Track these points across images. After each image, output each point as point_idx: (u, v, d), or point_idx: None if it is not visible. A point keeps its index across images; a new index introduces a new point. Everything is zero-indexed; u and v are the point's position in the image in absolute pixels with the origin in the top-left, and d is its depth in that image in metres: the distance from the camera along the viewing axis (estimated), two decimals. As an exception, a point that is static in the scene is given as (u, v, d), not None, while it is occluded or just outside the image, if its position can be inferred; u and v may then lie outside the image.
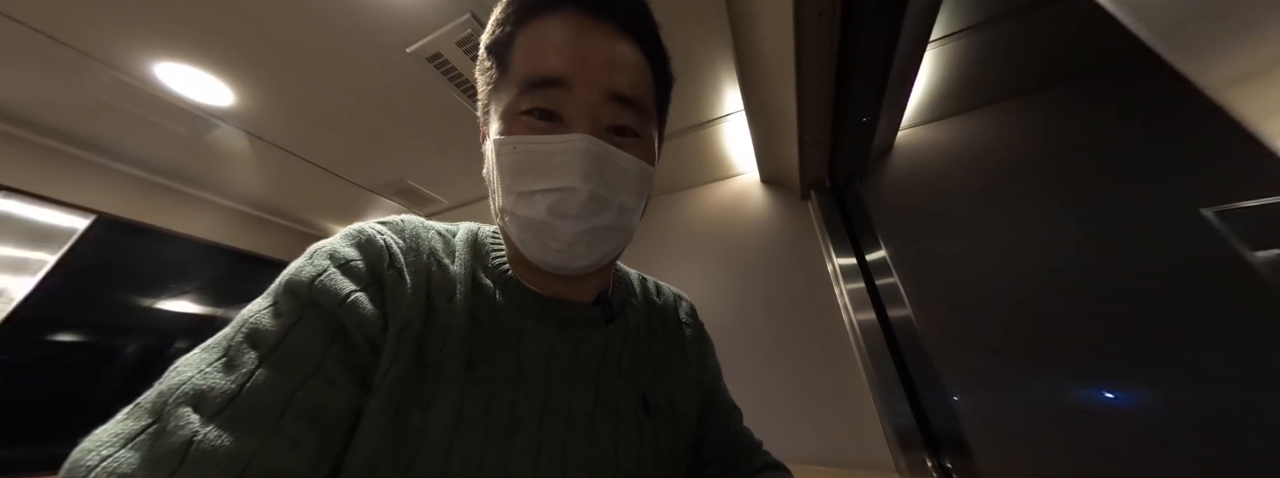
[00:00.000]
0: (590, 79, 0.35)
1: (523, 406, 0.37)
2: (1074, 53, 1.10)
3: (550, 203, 0.35)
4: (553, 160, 0.35)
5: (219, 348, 0.30)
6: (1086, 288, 0.96)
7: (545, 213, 0.36)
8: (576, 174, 0.35)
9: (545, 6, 0.37)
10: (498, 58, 0.38)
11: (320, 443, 0.29)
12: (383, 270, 0.36)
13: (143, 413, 0.27)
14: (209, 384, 0.27)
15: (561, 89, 0.35)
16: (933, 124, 1.36)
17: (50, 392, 1.49)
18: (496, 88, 0.39)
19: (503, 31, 0.38)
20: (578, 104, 0.35)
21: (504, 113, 0.37)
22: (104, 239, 1.62)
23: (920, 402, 1.05)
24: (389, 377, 0.33)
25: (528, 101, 0.35)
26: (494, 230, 0.47)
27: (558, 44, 0.35)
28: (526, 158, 0.35)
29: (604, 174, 0.36)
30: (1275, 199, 0.75)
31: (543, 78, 0.35)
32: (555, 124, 0.36)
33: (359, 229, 0.38)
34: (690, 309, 0.61)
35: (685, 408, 0.50)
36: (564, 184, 0.35)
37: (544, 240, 0.37)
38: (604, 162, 0.36)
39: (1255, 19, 0.20)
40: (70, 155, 1.55)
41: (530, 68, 0.36)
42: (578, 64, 0.35)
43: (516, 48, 0.37)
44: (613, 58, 0.37)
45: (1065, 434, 0.90)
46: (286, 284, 0.33)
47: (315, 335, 0.31)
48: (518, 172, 0.36)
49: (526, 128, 0.36)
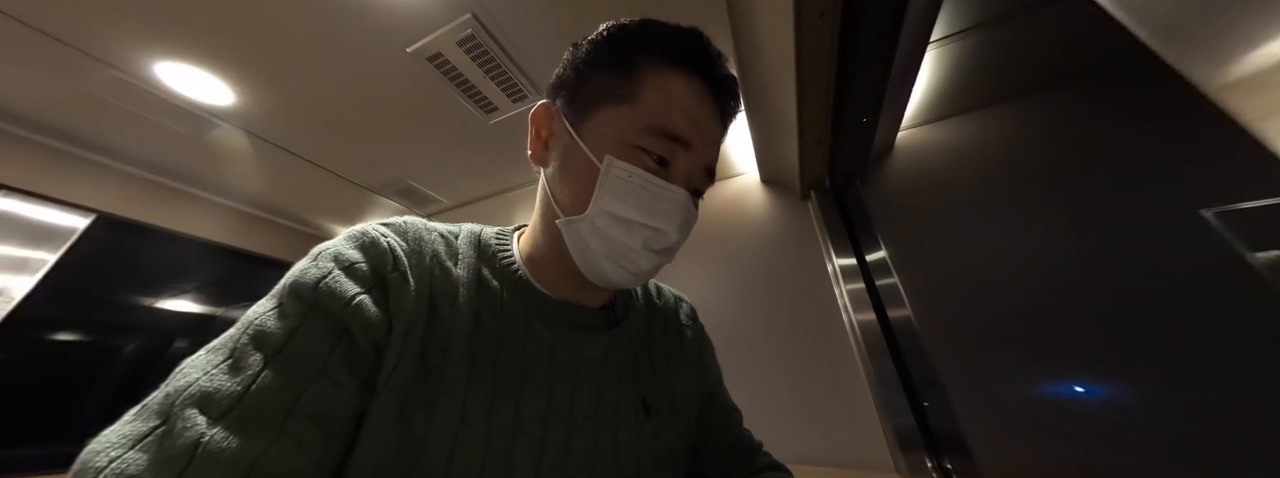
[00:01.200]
0: (702, 150, 0.42)
1: (526, 408, 0.37)
2: (1074, 54, 1.10)
3: (645, 237, 0.39)
4: (658, 203, 0.39)
5: (225, 350, 0.30)
6: (1086, 289, 0.97)
7: (640, 244, 0.39)
8: (675, 224, 0.40)
9: (680, 63, 0.41)
10: (624, 71, 0.41)
11: (324, 445, 0.30)
12: (387, 273, 0.36)
13: (150, 414, 0.27)
14: (215, 386, 0.28)
15: (681, 147, 0.40)
16: (933, 124, 1.36)
17: (50, 391, 1.49)
18: (617, 102, 0.40)
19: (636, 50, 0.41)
20: (685, 165, 0.41)
21: (619, 135, 0.39)
22: (104, 238, 1.62)
23: (920, 402, 1.05)
24: (393, 379, 0.33)
25: (650, 143, 0.39)
26: (498, 232, 0.48)
27: (692, 110, 0.41)
28: (636, 190, 0.39)
29: (685, 226, 0.42)
30: (1275, 201, 0.75)
31: (676, 134, 0.40)
32: (663, 170, 0.40)
33: (362, 231, 0.38)
34: (691, 311, 0.62)
35: (685, 410, 0.51)
36: (663, 227, 0.39)
37: (621, 262, 0.40)
38: (689, 217, 0.42)
39: (1254, 21, 0.20)
40: (70, 154, 1.55)
41: (666, 119, 0.39)
42: (700, 135, 0.41)
43: (648, 82, 0.40)
44: (715, 138, 0.44)
45: (1065, 435, 0.90)
46: (291, 286, 0.34)
47: (320, 338, 0.31)
48: (622, 197, 0.39)
49: (640, 162, 0.39)
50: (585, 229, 0.39)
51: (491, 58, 1.20)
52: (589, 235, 0.39)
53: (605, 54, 0.42)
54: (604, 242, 0.39)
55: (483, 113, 1.42)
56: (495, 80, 1.28)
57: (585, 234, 0.39)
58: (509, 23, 1.13)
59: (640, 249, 0.39)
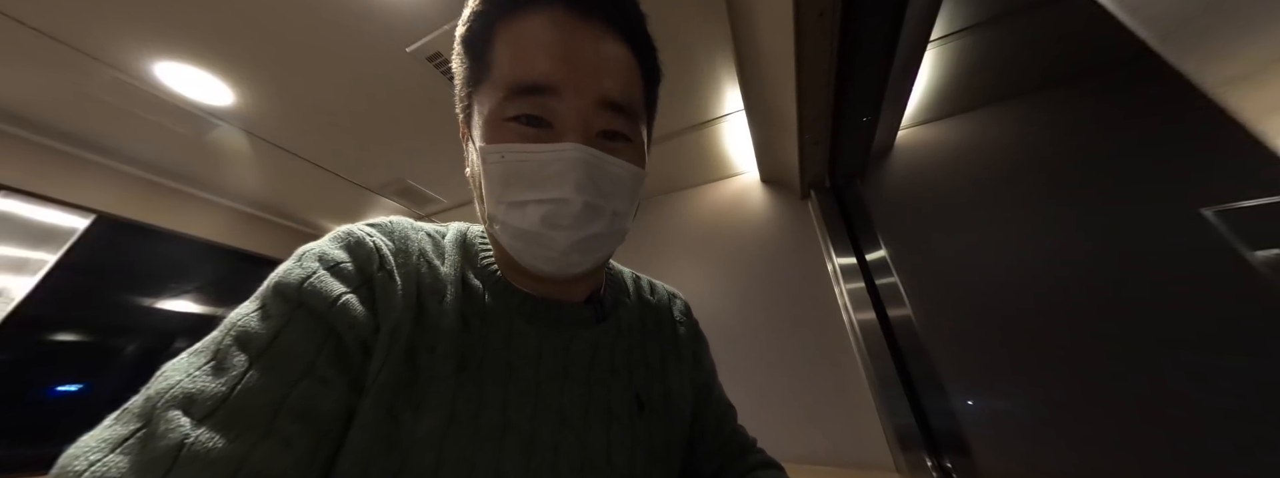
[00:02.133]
0: (581, 85, 0.34)
1: (514, 406, 0.37)
2: (1074, 52, 1.10)
3: (543, 214, 0.34)
4: (544, 170, 0.34)
5: (207, 352, 0.30)
6: (1086, 287, 0.97)
7: (538, 224, 0.35)
8: (569, 185, 0.34)
9: (525, 3, 0.35)
10: (475, 54, 0.36)
11: (313, 444, 0.29)
12: (373, 272, 0.35)
13: (130, 418, 0.26)
14: (198, 387, 0.27)
15: (551, 95, 0.33)
16: (933, 124, 1.36)
17: (50, 391, 1.49)
18: (478, 89, 0.36)
19: (480, 24, 0.36)
20: (568, 111, 0.34)
21: (489, 118, 0.35)
22: (104, 239, 1.62)
23: (920, 402, 1.05)
24: (380, 378, 0.32)
25: (514, 108, 0.34)
26: (483, 231, 0.46)
27: (546, 46, 0.34)
28: (516, 167, 0.34)
29: (597, 183, 0.35)
30: (1275, 199, 0.75)
31: (531, 83, 0.33)
32: (544, 131, 0.34)
33: (347, 231, 0.38)
34: (684, 307, 0.61)
35: (679, 406, 0.50)
36: (557, 195, 0.34)
37: (537, 250, 0.36)
38: (596, 170, 0.35)
39: (1255, 18, 0.20)
40: (70, 155, 1.55)
41: (517, 72, 0.34)
42: (567, 68, 0.33)
43: (498, 46, 0.35)
44: (603, 60, 0.35)
45: (1065, 434, 0.90)
46: (275, 286, 0.33)
47: (306, 337, 0.31)
48: (507, 181, 0.35)
49: (514, 135, 0.34)
50: (498, 229, 0.37)
51: (491, 57, 1.20)
52: (502, 234, 0.37)
53: (463, 45, 0.37)
54: (514, 234, 0.36)
55: (482, 112, 1.42)
56: (495, 80, 1.28)
57: (500, 234, 0.37)
58: None
59: (541, 229, 0.35)
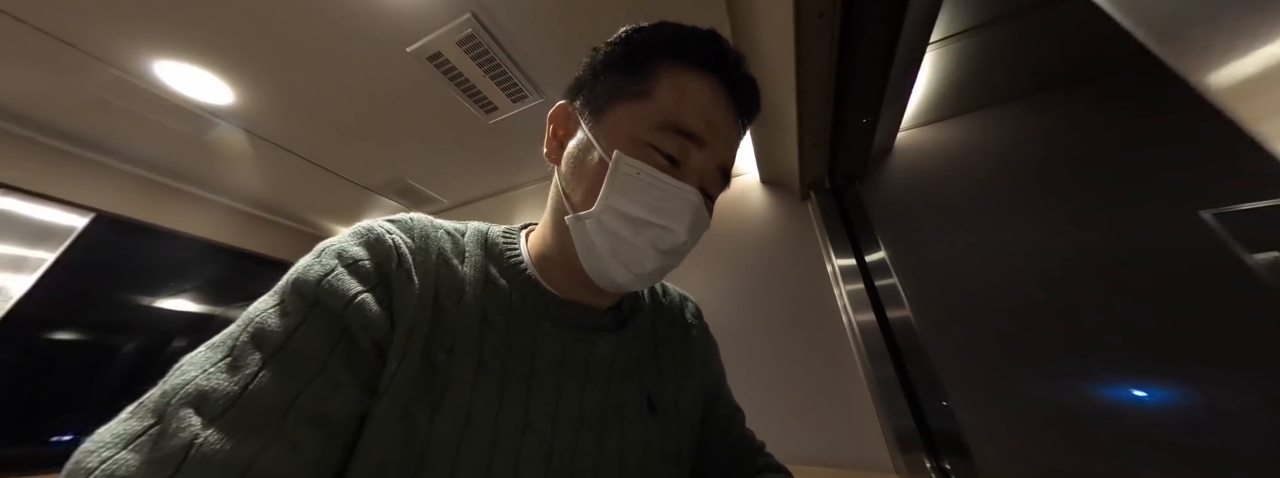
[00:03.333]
0: (716, 149, 0.40)
1: (535, 406, 0.37)
2: (1074, 55, 1.10)
3: (652, 236, 0.38)
4: (668, 201, 0.38)
5: (224, 347, 0.30)
6: (1085, 290, 0.97)
7: (646, 243, 0.39)
8: (685, 223, 0.39)
9: (696, 62, 0.40)
10: (638, 68, 0.40)
11: (323, 447, 0.29)
12: (391, 270, 0.36)
13: (146, 413, 0.27)
14: (212, 385, 0.28)
15: (695, 145, 0.39)
16: (933, 125, 1.36)
17: (49, 390, 1.48)
18: (629, 98, 0.40)
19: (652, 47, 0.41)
20: (698, 163, 0.40)
21: (630, 131, 0.39)
22: (103, 237, 1.62)
23: (919, 403, 1.05)
24: (396, 379, 0.32)
25: (661, 141, 0.38)
26: (504, 231, 0.47)
27: (705, 107, 0.40)
28: (645, 187, 0.38)
29: (695, 227, 0.40)
30: (1274, 201, 0.76)
31: (689, 130, 0.39)
32: (674, 169, 0.39)
33: (368, 228, 0.38)
34: (695, 310, 0.62)
35: (689, 409, 0.51)
36: (671, 226, 0.38)
37: (625, 261, 0.39)
38: (699, 215, 0.40)
39: (1252, 22, 0.20)
40: (70, 153, 1.55)
41: (679, 114, 0.39)
42: (714, 133, 0.40)
43: (664, 80, 0.40)
44: (732, 138, 0.43)
45: (1064, 435, 0.90)
46: (294, 283, 0.33)
47: (320, 337, 0.31)
48: (630, 194, 0.38)
49: (649, 159, 0.38)
50: (592, 226, 0.38)
51: (491, 58, 1.20)
52: (595, 233, 0.39)
53: (621, 54, 0.42)
54: (609, 239, 0.38)
55: (483, 113, 1.42)
56: (495, 80, 1.28)
57: (591, 231, 0.39)
58: (509, 22, 1.13)
59: (646, 248, 0.38)
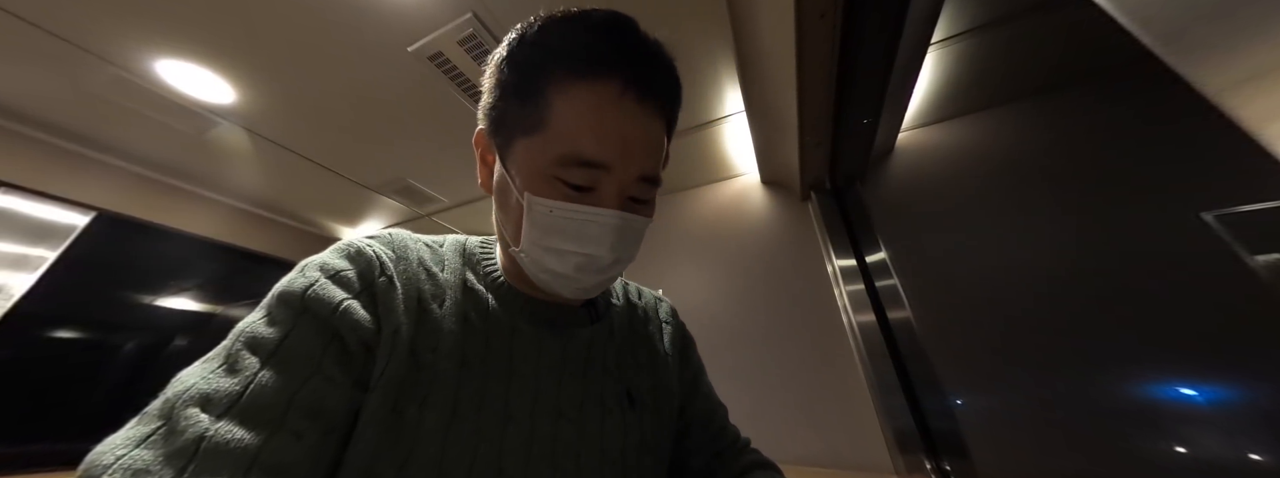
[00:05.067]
0: (629, 164, 0.38)
1: (515, 400, 0.39)
2: (1075, 56, 1.10)
3: (578, 263, 0.39)
4: (585, 229, 0.38)
5: (219, 357, 0.32)
6: (1087, 291, 0.96)
7: (573, 270, 0.40)
8: (605, 245, 0.38)
9: (592, 66, 0.36)
10: (524, 93, 0.37)
11: (321, 438, 0.31)
12: (374, 279, 0.37)
13: (151, 418, 0.29)
14: (213, 387, 0.29)
15: (601, 170, 0.37)
16: (934, 126, 1.36)
17: (50, 388, 1.49)
18: (526, 132, 0.37)
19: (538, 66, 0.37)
20: (613, 183, 0.38)
21: (535, 169, 0.37)
22: (104, 236, 1.62)
23: (919, 404, 1.05)
24: (386, 377, 0.34)
25: (566, 174, 0.36)
26: (481, 242, 0.50)
27: (605, 128, 0.36)
28: (560, 223, 0.38)
29: (624, 241, 0.40)
30: (1275, 203, 0.75)
31: (590, 160, 0.36)
32: (586, 193, 0.38)
33: (347, 243, 0.40)
34: (670, 310, 0.64)
35: (667, 401, 0.53)
36: (593, 252, 0.39)
37: (564, 284, 0.41)
38: (625, 230, 0.39)
39: (1256, 23, 0.20)
40: (71, 152, 1.55)
41: (578, 146, 0.36)
42: (622, 150, 0.37)
43: (558, 104, 0.36)
44: (647, 143, 0.39)
45: (1064, 437, 0.90)
46: (279, 295, 0.35)
47: (312, 340, 0.33)
48: (548, 231, 0.38)
49: (559, 193, 0.37)
50: (525, 260, 0.41)
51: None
52: (529, 265, 0.41)
53: (509, 77, 0.38)
54: (543, 270, 0.41)
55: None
56: (496, 80, 1.28)
57: (527, 264, 0.42)
58: (510, 22, 1.13)
59: (574, 274, 0.40)
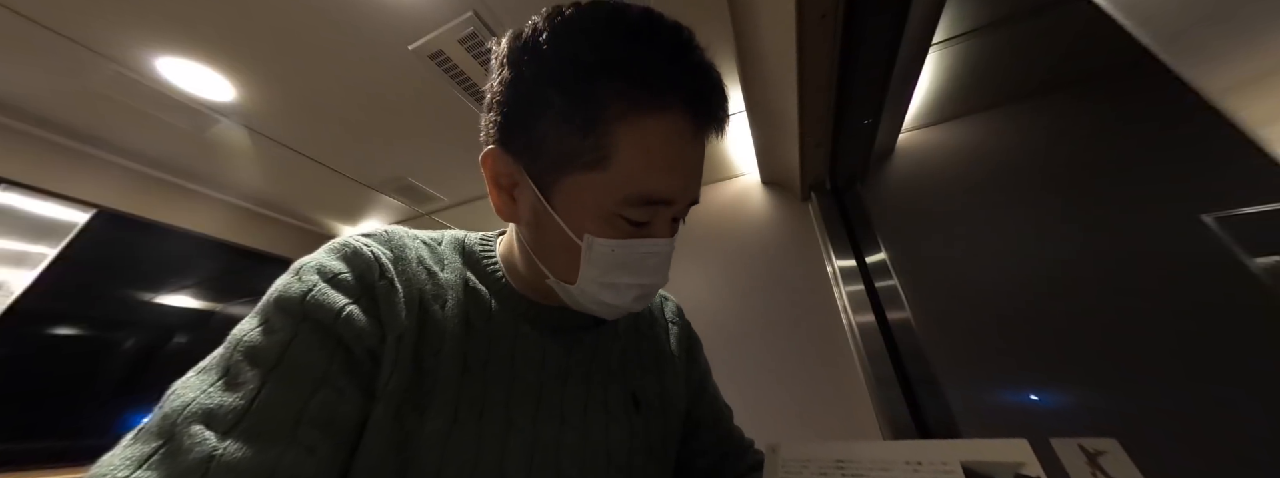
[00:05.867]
0: (687, 195, 0.38)
1: (517, 406, 0.38)
2: (1076, 57, 1.10)
3: (637, 295, 0.39)
4: (645, 262, 0.38)
5: (216, 369, 0.30)
6: (1086, 293, 0.96)
7: (632, 301, 0.39)
8: (662, 275, 0.39)
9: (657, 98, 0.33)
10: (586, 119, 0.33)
11: (333, 450, 0.30)
12: (374, 281, 0.36)
13: (150, 436, 0.27)
14: (216, 403, 0.28)
15: (665, 206, 0.36)
16: (934, 127, 1.36)
17: (50, 385, 1.49)
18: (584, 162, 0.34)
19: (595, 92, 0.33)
20: (670, 214, 0.38)
21: (598, 207, 0.35)
22: (104, 233, 1.62)
23: (918, 404, 1.05)
24: (391, 384, 0.33)
25: (630, 212, 0.35)
26: (480, 238, 0.48)
27: (674, 164, 0.35)
28: (622, 259, 0.37)
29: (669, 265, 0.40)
30: (1275, 206, 0.75)
31: (660, 198, 0.35)
32: (644, 228, 0.37)
33: (343, 243, 0.38)
34: (676, 309, 0.63)
35: (674, 404, 0.52)
36: (653, 282, 0.39)
37: (613, 309, 0.40)
38: (670, 257, 0.40)
39: (1255, 25, 0.20)
40: (71, 149, 1.55)
41: (646, 185, 0.34)
42: (682, 184, 0.36)
43: (623, 142, 0.33)
44: (699, 167, 0.38)
45: (1064, 437, 0.90)
46: (277, 302, 0.33)
47: (316, 349, 0.31)
48: (609, 269, 0.37)
49: (620, 231, 0.36)
50: (577, 293, 0.39)
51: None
52: (581, 297, 0.39)
53: (560, 97, 0.33)
54: (596, 302, 0.39)
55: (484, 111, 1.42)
56: (497, 79, 1.28)
57: (577, 296, 0.39)
58: (511, 21, 1.13)
59: (633, 305, 0.40)
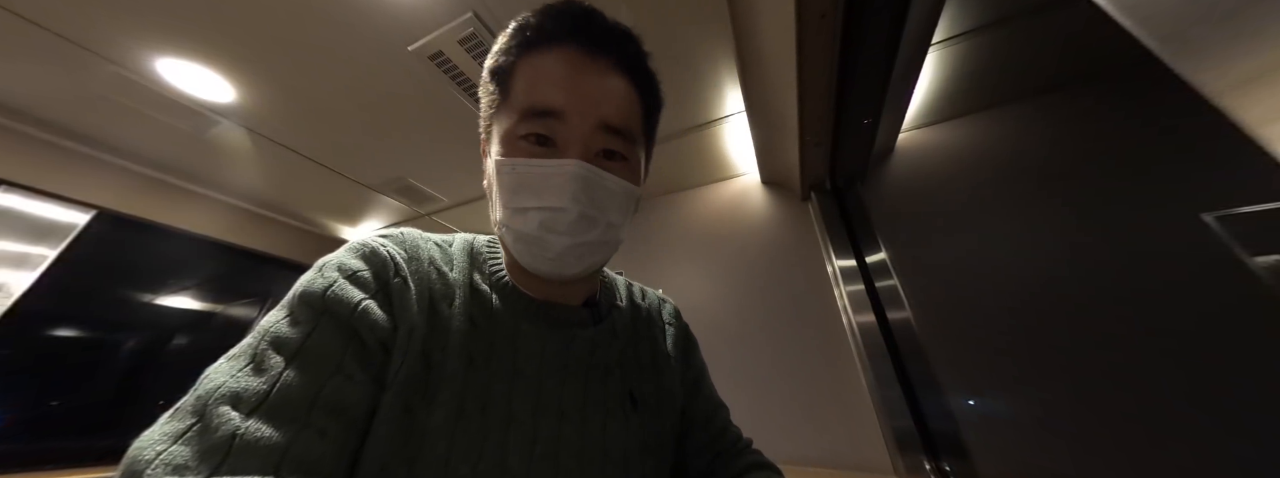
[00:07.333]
0: (584, 110, 0.39)
1: (518, 400, 0.40)
2: (1076, 57, 1.10)
3: (542, 220, 0.39)
4: (547, 182, 0.39)
5: (245, 356, 0.33)
6: (1086, 292, 0.96)
7: (537, 228, 0.40)
8: (566, 196, 0.38)
9: (547, 40, 0.41)
10: (500, 83, 0.42)
11: (343, 434, 0.33)
12: (389, 279, 0.39)
13: (185, 414, 0.30)
14: (242, 386, 0.31)
15: (557, 119, 0.39)
16: (934, 127, 1.36)
17: (50, 386, 1.49)
18: (498, 111, 0.42)
19: (506, 59, 0.42)
20: (571, 132, 0.39)
21: (504, 136, 0.41)
22: (104, 234, 1.62)
23: (919, 404, 1.05)
24: (400, 376, 0.36)
25: (526, 128, 0.39)
26: (490, 240, 0.51)
27: (555, 78, 0.39)
28: (523, 179, 0.39)
29: (592, 196, 0.40)
30: (1276, 205, 0.75)
31: (541, 108, 0.39)
32: (550, 149, 0.40)
33: (362, 242, 0.42)
34: (674, 311, 0.64)
35: (670, 402, 0.53)
36: (555, 204, 0.39)
37: (536, 251, 0.41)
38: (593, 184, 0.40)
39: (1255, 24, 0.20)
40: (71, 150, 1.55)
41: (531, 98, 0.39)
42: (573, 97, 0.39)
43: (517, 76, 0.41)
44: (604, 91, 0.41)
45: (1064, 438, 0.90)
46: (300, 296, 0.37)
47: (333, 340, 0.34)
48: (515, 190, 0.40)
49: (525, 151, 0.39)
50: (504, 232, 0.42)
51: (493, 57, 1.20)
52: (507, 236, 0.42)
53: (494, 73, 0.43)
54: (517, 237, 0.41)
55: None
56: (497, 79, 1.28)
57: (506, 237, 0.43)
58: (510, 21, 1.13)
59: (539, 232, 0.40)
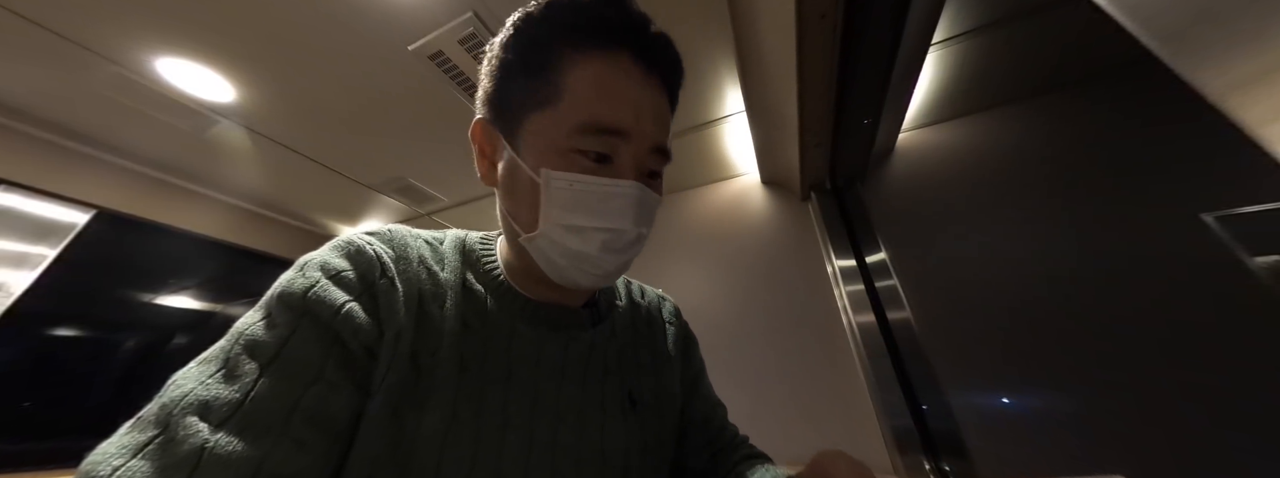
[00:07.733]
0: (644, 132, 0.38)
1: (513, 405, 0.39)
2: (1076, 57, 1.10)
3: (604, 240, 0.38)
4: (607, 203, 0.38)
5: (216, 361, 0.31)
6: (1086, 292, 0.96)
7: (598, 249, 0.38)
8: (628, 219, 0.38)
9: (601, 42, 0.38)
10: (541, 74, 0.38)
11: (325, 445, 0.31)
12: (375, 280, 0.36)
13: (147, 425, 0.27)
14: (212, 394, 0.28)
15: (621, 138, 0.37)
16: (934, 127, 1.36)
17: (49, 387, 1.49)
18: (542, 110, 0.38)
19: (542, 37, 0.38)
20: (631, 154, 0.38)
21: (553, 143, 0.37)
22: (104, 234, 1.62)
23: (918, 404, 1.05)
24: (387, 381, 0.34)
25: (587, 143, 0.37)
26: (482, 238, 0.49)
27: (622, 95, 0.38)
28: (581, 197, 0.37)
29: (644, 214, 0.40)
30: (1276, 205, 0.75)
31: (609, 127, 0.37)
32: (606, 166, 0.38)
33: (347, 240, 0.39)
34: (673, 309, 0.63)
35: (669, 403, 0.52)
36: (618, 226, 0.38)
37: (585, 268, 0.39)
38: (646, 205, 0.40)
39: (1255, 25, 0.20)
40: (71, 150, 1.55)
41: (598, 113, 0.37)
42: (639, 119, 0.38)
43: (572, 76, 0.37)
44: (659, 113, 0.40)
45: (1063, 437, 0.90)
46: (279, 296, 0.34)
47: (313, 344, 0.32)
48: (570, 207, 0.37)
49: (581, 167, 0.37)
50: (544, 244, 0.39)
51: (493, 56, 1.20)
52: (549, 249, 0.39)
53: (516, 55, 0.39)
54: (564, 253, 0.39)
55: (484, 111, 1.42)
56: (497, 79, 1.28)
57: (545, 249, 0.39)
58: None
59: (599, 253, 0.38)
